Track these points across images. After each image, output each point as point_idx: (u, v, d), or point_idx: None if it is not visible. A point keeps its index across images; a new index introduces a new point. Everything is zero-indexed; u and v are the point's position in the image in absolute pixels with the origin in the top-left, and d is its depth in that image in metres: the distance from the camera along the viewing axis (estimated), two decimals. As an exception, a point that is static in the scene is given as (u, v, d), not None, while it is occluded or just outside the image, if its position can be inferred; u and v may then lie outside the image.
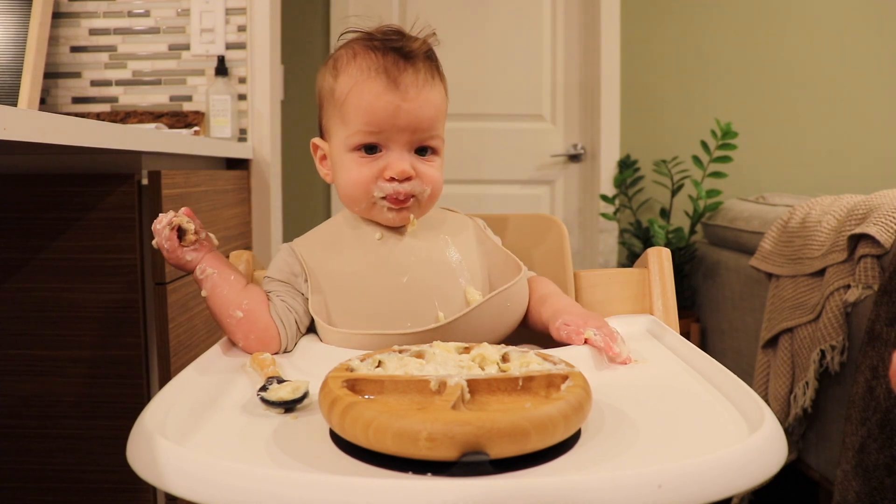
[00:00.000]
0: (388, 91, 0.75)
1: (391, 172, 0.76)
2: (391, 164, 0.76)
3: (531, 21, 2.63)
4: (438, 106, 0.79)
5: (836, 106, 2.61)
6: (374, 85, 0.75)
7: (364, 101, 0.75)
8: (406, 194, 0.77)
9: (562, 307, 0.79)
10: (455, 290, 0.78)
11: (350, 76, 0.77)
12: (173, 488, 0.45)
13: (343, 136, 0.78)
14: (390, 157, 0.77)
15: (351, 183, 0.78)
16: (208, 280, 0.76)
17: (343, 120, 0.78)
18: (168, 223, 0.76)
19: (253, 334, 0.74)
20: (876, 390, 1.19)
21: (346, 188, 0.79)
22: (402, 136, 0.76)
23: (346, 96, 0.77)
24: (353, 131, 0.77)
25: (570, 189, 2.69)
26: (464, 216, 0.88)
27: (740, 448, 0.47)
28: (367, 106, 0.75)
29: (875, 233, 1.35)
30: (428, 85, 0.78)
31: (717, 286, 2.15)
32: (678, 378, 0.66)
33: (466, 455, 0.45)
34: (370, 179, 0.77)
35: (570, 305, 0.80)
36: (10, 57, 1.61)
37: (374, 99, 0.75)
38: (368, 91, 0.75)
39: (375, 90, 0.75)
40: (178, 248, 0.76)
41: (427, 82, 0.78)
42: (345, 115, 0.77)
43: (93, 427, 1.18)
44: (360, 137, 0.76)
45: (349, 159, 0.78)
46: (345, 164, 0.78)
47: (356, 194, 0.78)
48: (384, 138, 0.77)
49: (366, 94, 0.75)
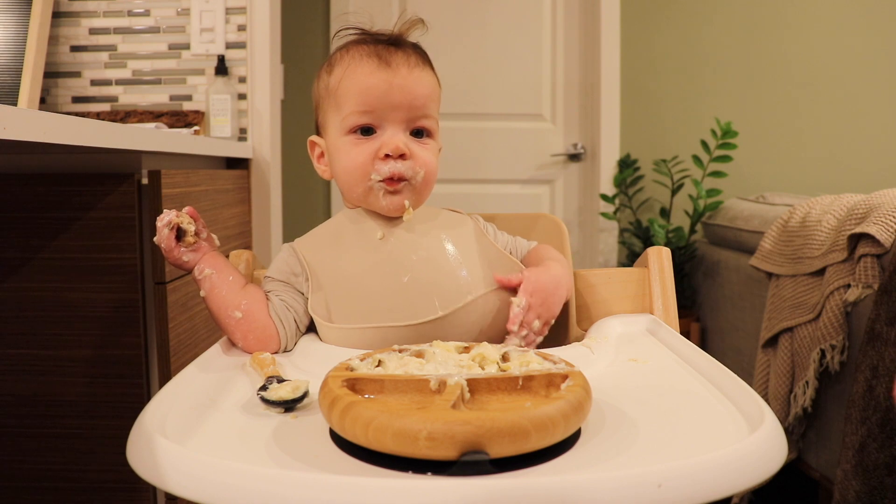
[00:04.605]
0: (379, 69, 0.77)
1: (386, 149, 0.76)
2: (386, 141, 0.77)
3: (531, 21, 2.63)
4: (431, 86, 0.80)
5: (836, 106, 2.61)
6: (366, 65, 0.77)
7: (356, 81, 0.77)
8: (399, 175, 0.76)
9: (542, 256, 0.82)
10: (456, 289, 0.78)
11: (342, 66, 0.79)
12: (173, 488, 0.45)
13: (338, 121, 0.79)
14: (385, 136, 0.78)
15: (349, 166, 0.78)
16: (206, 280, 0.76)
17: (337, 106, 0.78)
18: (168, 223, 0.75)
19: (252, 334, 0.74)
20: (876, 390, 1.19)
21: (343, 174, 0.79)
22: (395, 115, 0.77)
23: (338, 83, 0.78)
24: (347, 113, 0.77)
25: (569, 189, 2.69)
26: (464, 215, 0.88)
27: (740, 447, 0.47)
28: (360, 85, 0.77)
29: (875, 232, 1.35)
30: (419, 66, 0.79)
31: (717, 286, 2.15)
32: (678, 377, 0.66)
33: (466, 454, 0.45)
34: (367, 161, 0.77)
35: (548, 261, 0.82)
36: (10, 56, 1.61)
37: (366, 77, 0.76)
38: (360, 71, 0.77)
39: (367, 69, 0.77)
40: (176, 247, 0.76)
41: (417, 64, 0.79)
42: (338, 100, 0.78)
43: (93, 426, 1.18)
44: (355, 118, 0.77)
45: (345, 143, 0.78)
46: (341, 150, 0.79)
47: (353, 178, 0.78)
48: (378, 117, 0.77)
49: (358, 74, 0.77)
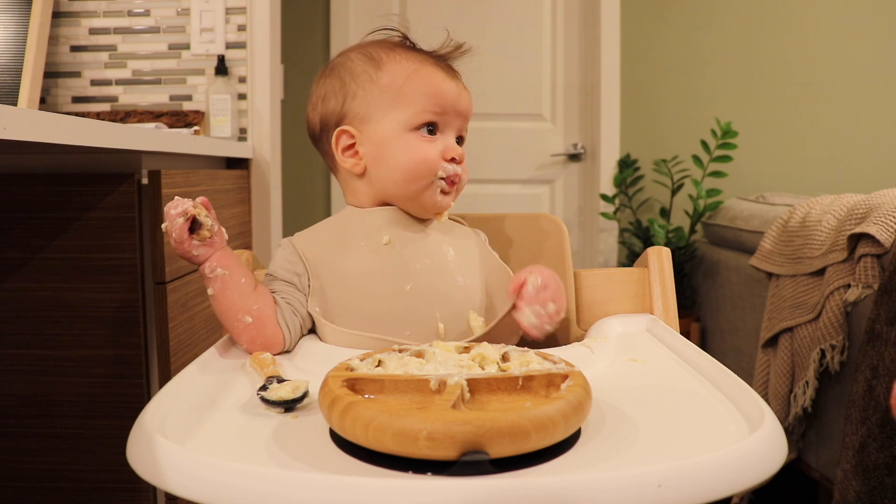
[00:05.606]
0: (449, 78, 0.82)
1: (453, 153, 0.80)
2: (450, 145, 0.81)
3: (531, 21, 2.63)
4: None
5: (836, 106, 2.61)
6: (437, 71, 0.82)
7: (431, 83, 0.80)
8: (458, 178, 0.81)
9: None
10: (457, 300, 0.79)
11: (403, 65, 0.81)
12: (173, 488, 0.45)
13: (402, 117, 0.80)
14: (447, 140, 0.81)
15: (418, 160, 0.79)
16: (217, 280, 0.73)
17: (401, 102, 0.80)
18: (183, 212, 0.72)
19: (259, 340, 0.74)
20: (876, 390, 1.19)
21: (408, 166, 0.79)
22: (455, 121, 0.82)
23: (403, 81, 0.80)
24: (419, 110, 0.79)
25: (570, 188, 2.68)
26: (468, 228, 0.89)
27: (740, 447, 0.47)
28: (435, 88, 0.80)
29: (875, 232, 1.35)
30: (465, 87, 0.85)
31: (717, 286, 2.14)
32: (678, 377, 0.66)
33: (466, 454, 0.45)
34: (437, 158, 0.80)
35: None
36: (10, 56, 1.61)
37: (441, 82, 0.81)
38: (434, 75, 0.81)
39: (440, 76, 0.81)
40: (188, 239, 0.73)
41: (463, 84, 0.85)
42: (404, 97, 0.80)
43: (93, 426, 1.18)
44: (427, 116, 0.80)
45: (411, 139, 0.80)
46: (406, 144, 0.80)
47: (420, 171, 0.79)
48: (443, 121, 0.81)
49: (432, 77, 0.81)
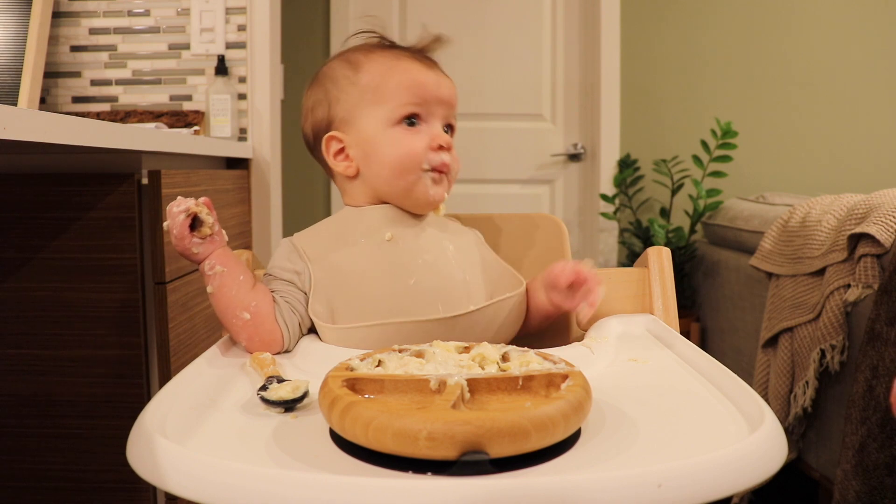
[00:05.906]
0: (427, 69, 0.83)
1: (439, 141, 0.80)
2: (436, 134, 0.81)
3: (531, 21, 2.63)
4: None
5: (836, 106, 2.61)
6: (413, 63, 0.82)
7: (407, 76, 0.81)
8: (447, 166, 0.81)
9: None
10: (459, 295, 0.79)
11: (379, 63, 0.82)
12: (173, 488, 0.45)
13: (383, 113, 0.80)
14: (432, 129, 0.81)
15: (403, 153, 0.80)
16: (216, 277, 0.74)
17: (381, 99, 0.81)
18: (185, 210, 0.73)
19: (258, 337, 0.74)
20: (876, 390, 1.19)
21: (390, 163, 0.80)
22: (439, 110, 0.82)
23: (381, 78, 0.81)
24: (398, 104, 0.80)
25: (569, 188, 2.69)
26: (465, 227, 0.90)
27: (740, 447, 0.47)
28: (412, 80, 0.81)
29: (875, 232, 1.35)
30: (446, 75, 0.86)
31: (717, 286, 2.14)
32: (678, 377, 0.66)
33: (466, 454, 0.45)
34: (421, 149, 0.80)
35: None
36: (10, 56, 1.61)
37: (418, 73, 0.81)
38: (410, 68, 0.81)
39: (417, 67, 0.82)
40: (188, 237, 0.73)
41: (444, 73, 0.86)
42: (383, 94, 0.81)
43: (93, 426, 1.18)
44: (406, 109, 0.80)
45: (394, 133, 0.80)
46: (390, 139, 0.80)
47: (405, 166, 0.80)
48: (426, 110, 0.81)
49: (409, 70, 0.81)
